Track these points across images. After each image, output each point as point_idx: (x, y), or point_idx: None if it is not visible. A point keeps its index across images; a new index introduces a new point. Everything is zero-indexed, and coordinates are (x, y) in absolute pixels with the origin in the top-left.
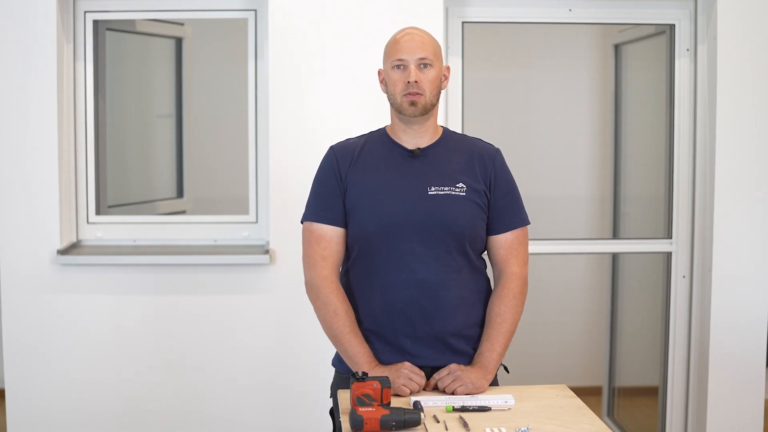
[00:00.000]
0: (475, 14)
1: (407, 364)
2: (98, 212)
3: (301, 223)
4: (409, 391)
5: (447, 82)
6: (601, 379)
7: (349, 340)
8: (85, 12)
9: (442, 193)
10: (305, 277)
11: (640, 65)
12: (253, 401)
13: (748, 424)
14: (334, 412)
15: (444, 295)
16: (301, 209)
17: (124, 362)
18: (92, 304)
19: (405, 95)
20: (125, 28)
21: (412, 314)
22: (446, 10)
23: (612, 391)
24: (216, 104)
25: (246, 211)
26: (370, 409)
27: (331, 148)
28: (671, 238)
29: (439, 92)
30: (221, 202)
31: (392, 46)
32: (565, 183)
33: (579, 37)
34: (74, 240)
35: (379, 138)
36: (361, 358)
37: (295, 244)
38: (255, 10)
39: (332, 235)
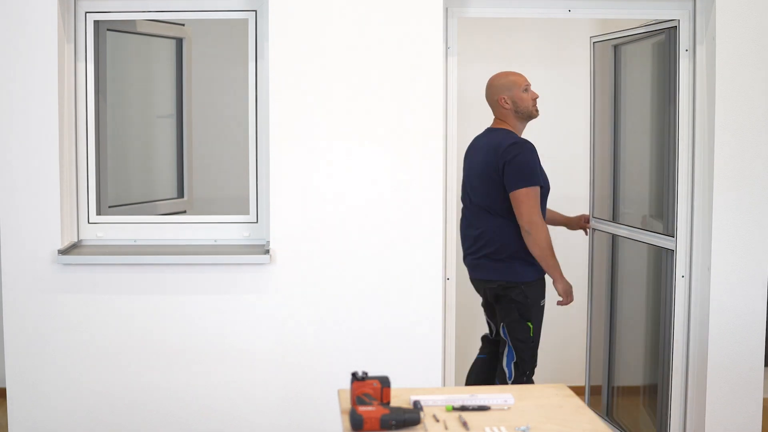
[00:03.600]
0: (474, 15)
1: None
2: (99, 212)
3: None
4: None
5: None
6: (600, 379)
7: (553, 254)
8: (86, 12)
9: None
10: (538, 221)
11: (639, 65)
12: (252, 400)
13: (747, 423)
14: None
15: None
16: (301, 209)
17: (125, 361)
18: (92, 304)
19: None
20: (126, 28)
21: None
22: (446, 11)
23: (611, 390)
24: (216, 104)
25: (246, 211)
26: (370, 408)
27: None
28: (674, 236)
29: None
30: (221, 202)
31: (516, 76)
32: (565, 183)
33: (579, 38)
34: (75, 240)
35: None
36: (556, 263)
37: (295, 244)
38: (255, 11)
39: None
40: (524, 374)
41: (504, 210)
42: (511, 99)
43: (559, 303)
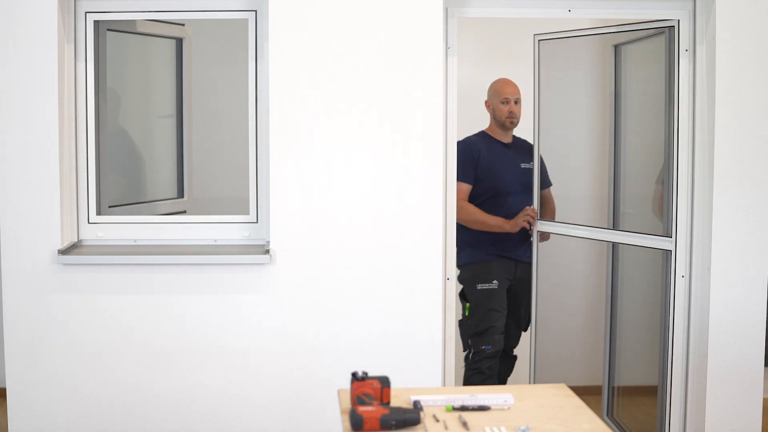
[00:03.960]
0: (474, 15)
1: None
2: (99, 212)
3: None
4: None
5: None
6: (600, 379)
7: (486, 216)
8: (86, 12)
9: (530, 166)
10: (457, 208)
11: (639, 65)
12: (252, 400)
13: (747, 423)
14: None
15: None
16: (301, 209)
17: (124, 362)
18: (92, 304)
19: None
20: (126, 28)
21: None
22: (446, 11)
23: (611, 390)
24: (216, 104)
25: (246, 211)
26: (370, 408)
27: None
28: (671, 237)
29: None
30: (221, 202)
31: (503, 86)
32: (565, 183)
33: (578, 38)
34: (75, 240)
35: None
36: (495, 220)
37: (295, 244)
38: (255, 11)
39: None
40: (467, 351)
41: None
42: (491, 105)
43: (531, 228)
